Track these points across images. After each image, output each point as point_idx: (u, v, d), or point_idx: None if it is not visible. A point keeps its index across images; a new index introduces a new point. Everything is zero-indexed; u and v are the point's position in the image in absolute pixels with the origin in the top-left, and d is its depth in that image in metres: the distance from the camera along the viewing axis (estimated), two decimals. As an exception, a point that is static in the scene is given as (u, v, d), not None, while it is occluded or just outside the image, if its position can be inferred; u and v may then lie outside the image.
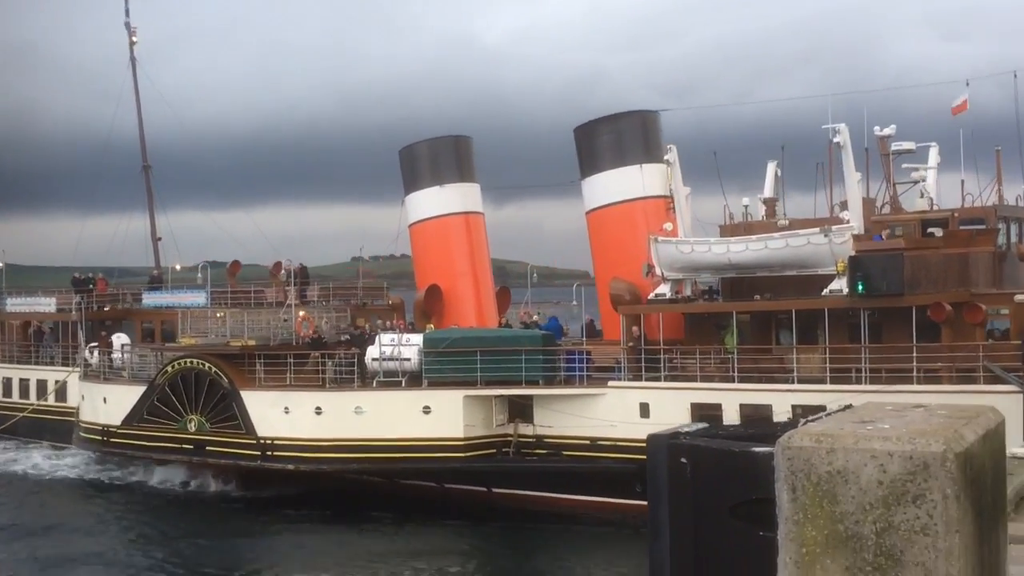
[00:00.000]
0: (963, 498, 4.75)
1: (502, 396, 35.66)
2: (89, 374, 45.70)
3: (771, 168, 39.53)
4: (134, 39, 58.02)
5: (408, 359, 36.50)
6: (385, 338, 37.29)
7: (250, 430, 38.30)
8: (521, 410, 36.15)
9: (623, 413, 33.54)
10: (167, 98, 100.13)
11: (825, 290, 31.65)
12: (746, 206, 37.80)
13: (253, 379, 39.08)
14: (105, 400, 43.44)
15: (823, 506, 4.81)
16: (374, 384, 36.80)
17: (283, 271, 47.96)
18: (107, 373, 44.79)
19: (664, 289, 35.06)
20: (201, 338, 41.42)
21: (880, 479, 4.79)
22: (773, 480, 5.01)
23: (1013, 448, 9.73)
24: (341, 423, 36.55)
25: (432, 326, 40.79)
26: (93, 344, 46.61)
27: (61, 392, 49.95)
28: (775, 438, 5.28)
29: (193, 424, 39.86)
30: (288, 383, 38.49)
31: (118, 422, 42.48)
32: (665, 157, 36.05)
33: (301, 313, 41.40)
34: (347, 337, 39.14)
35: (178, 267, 60.14)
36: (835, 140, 32.03)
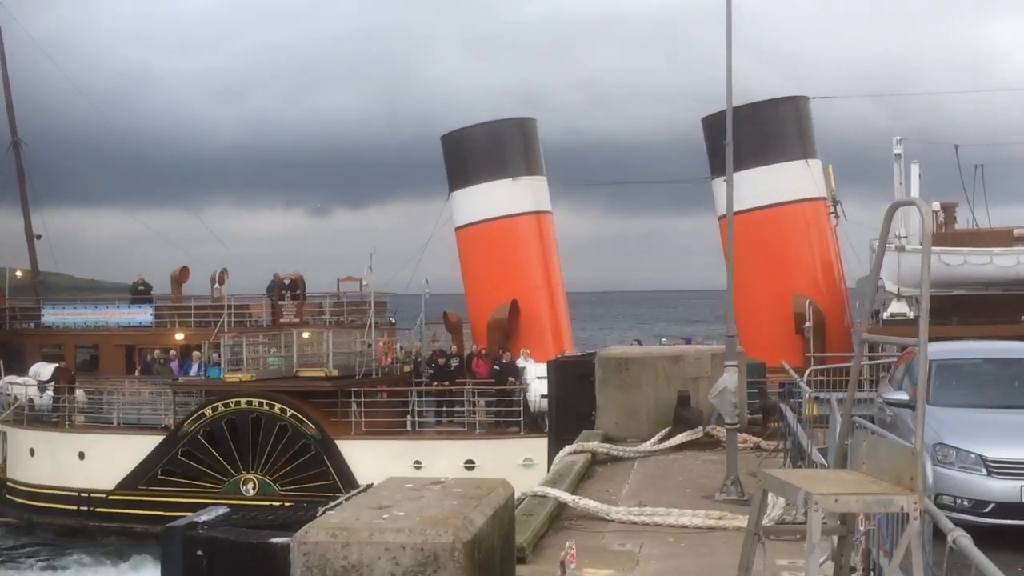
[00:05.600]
0: (470, 584, 5.04)
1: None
2: (32, 419, 33.56)
3: (915, 170, 34.98)
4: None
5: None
6: (538, 368, 29.18)
7: (354, 493, 28.79)
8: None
9: None
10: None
11: None
12: (936, 212, 33.05)
13: (348, 424, 29.59)
14: (82, 456, 31.85)
15: None
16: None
17: (276, 283, 37.87)
18: (70, 419, 32.98)
19: (903, 307, 29.57)
20: (256, 370, 31.09)
21: (393, 571, 5.13)
22: (291, 572, 5.10)
23: (539, 488, 11.55)
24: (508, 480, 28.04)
25: (527, 350, 32.85)
26: (40, 378, 34.35)
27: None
28: (299, 525, 5.67)
29: (252, 486, 29.67)
30: (411, 429, 29.38)
31: (111, 485, 31.18)
32: (895, 151, 30.59)
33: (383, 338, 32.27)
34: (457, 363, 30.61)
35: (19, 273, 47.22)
36: None
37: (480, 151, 36.84)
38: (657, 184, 76.03)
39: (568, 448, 15.02)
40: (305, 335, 34.34)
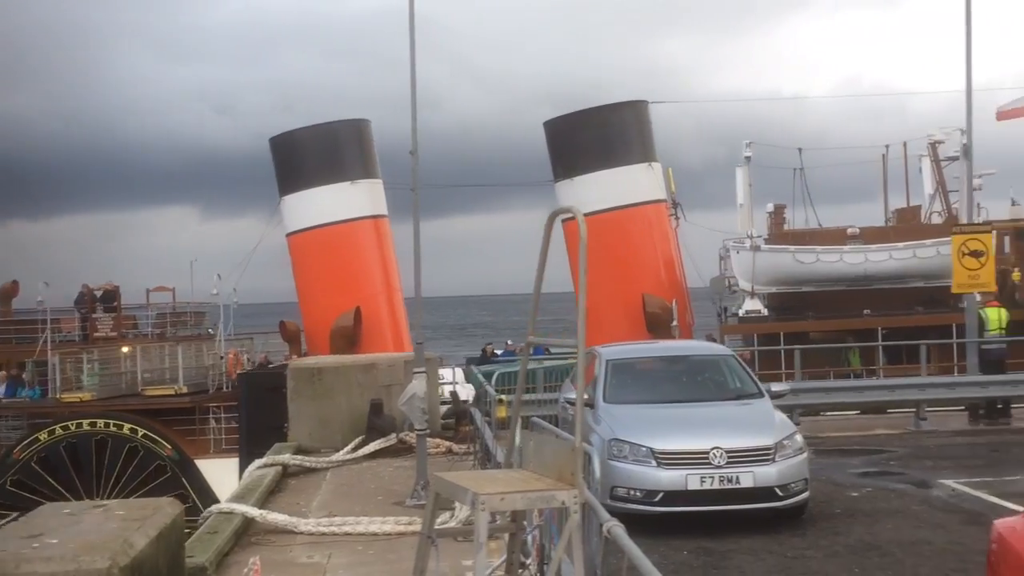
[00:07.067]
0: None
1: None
2: None
3: (740, 175, 36.48)
4: None
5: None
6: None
7: (218, 515, 26.86)
8: None
9: None
10: None
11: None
12: (770, 213, 34.42)
13: (207, 442, 27.67)
14: None
15: None
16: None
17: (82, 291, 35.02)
18: None
19: (758, 305, 30.62)
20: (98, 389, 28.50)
21: None
22: None
23: (224, 504, 11.69)
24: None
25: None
26: None
27: None
28: None
29: (98, 515, 27.09)
30: (278, 444, 27.66)
31: (-77, 524, 27.72)
32: (745, 154, 31.65)
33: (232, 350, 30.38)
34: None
35: None
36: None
37: (314, 154, 35.41)
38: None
39: (258, 462, 14.91)
40: (125, 350, 31.95)
